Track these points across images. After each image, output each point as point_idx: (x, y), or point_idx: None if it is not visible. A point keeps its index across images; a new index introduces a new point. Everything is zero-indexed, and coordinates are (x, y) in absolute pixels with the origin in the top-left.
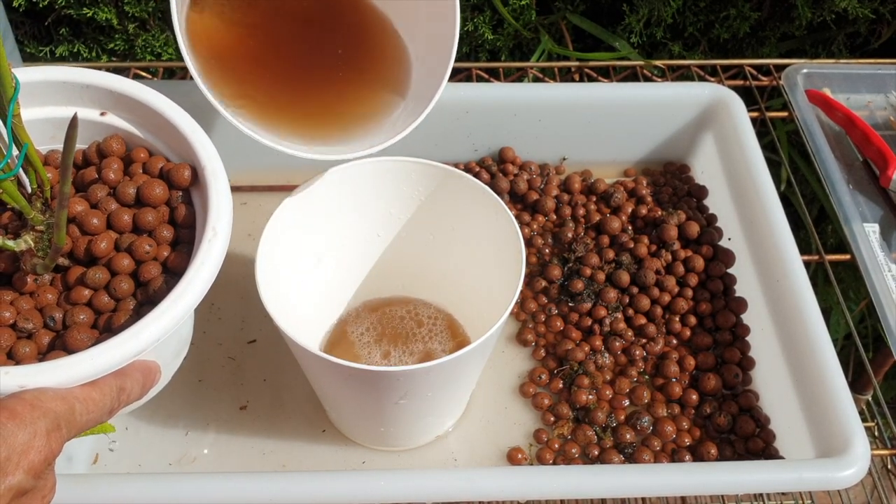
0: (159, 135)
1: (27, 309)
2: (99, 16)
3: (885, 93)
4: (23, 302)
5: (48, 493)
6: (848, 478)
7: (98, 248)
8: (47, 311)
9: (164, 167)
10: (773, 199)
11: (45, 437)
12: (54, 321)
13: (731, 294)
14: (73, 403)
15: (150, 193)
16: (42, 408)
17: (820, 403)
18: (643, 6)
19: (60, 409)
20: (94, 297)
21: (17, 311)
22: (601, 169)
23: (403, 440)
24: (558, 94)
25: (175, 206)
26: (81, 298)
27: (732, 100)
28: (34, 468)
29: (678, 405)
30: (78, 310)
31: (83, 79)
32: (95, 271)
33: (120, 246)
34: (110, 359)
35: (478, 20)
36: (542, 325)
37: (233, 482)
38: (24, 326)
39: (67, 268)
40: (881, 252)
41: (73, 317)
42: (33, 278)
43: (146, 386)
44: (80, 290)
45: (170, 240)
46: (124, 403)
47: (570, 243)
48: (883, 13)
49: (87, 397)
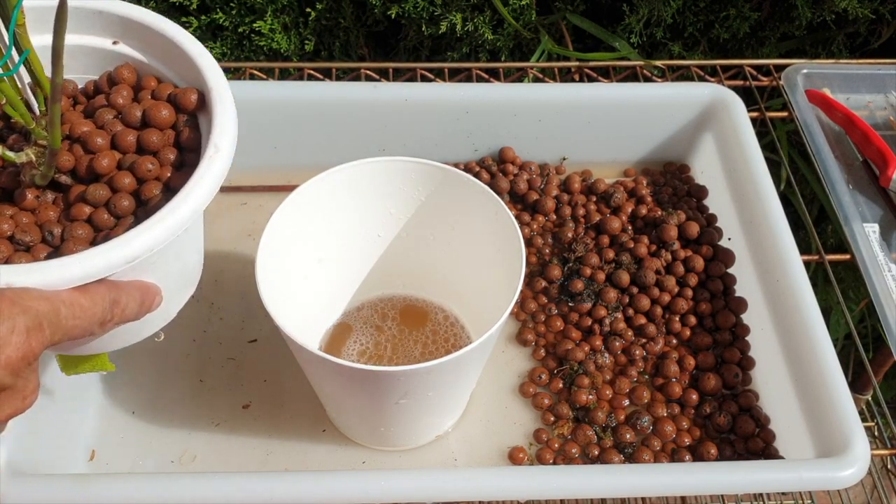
0: (169, 63)
1: (26, 223)
2: None
3: (885, 93)
4: (23, 216)
5: (29, 394)
6: (848, 478)
7: (100, 164)
8: (46, 226)
9: (172, 92)
10: (773, 199)
11: (24, 333)
12: (52, 236)
13: (730, 294)
14: (58, 305)
15: (156, 115)
16: (22, 305)
17: (820, 403)
18: (643, 6)
19: (43, 309)
20: (94, 214)
21: (16, 224)
22: (601, 169)
23: (403, 440)
24: (558, 94)
25: (181, 130)
26: (81, 215)
27: (732, 100)
28: (11, 364)
29: (678, 405)
30: (77, 225)
31: (95, 5)
32: (96, 188)
33: (123, 164)
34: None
35: (478, 20)
36: (542, 324)
37: (233, 482)
38: (21, 239)
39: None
40: (881, 252)
41: (72, 231)
42: (35, 194)
43: (144, 306)
44: (80, 207)
45: (173, 162)
46: (118, 318)
47: (570, 243)
48: (883, 13)
49: (75, 302)
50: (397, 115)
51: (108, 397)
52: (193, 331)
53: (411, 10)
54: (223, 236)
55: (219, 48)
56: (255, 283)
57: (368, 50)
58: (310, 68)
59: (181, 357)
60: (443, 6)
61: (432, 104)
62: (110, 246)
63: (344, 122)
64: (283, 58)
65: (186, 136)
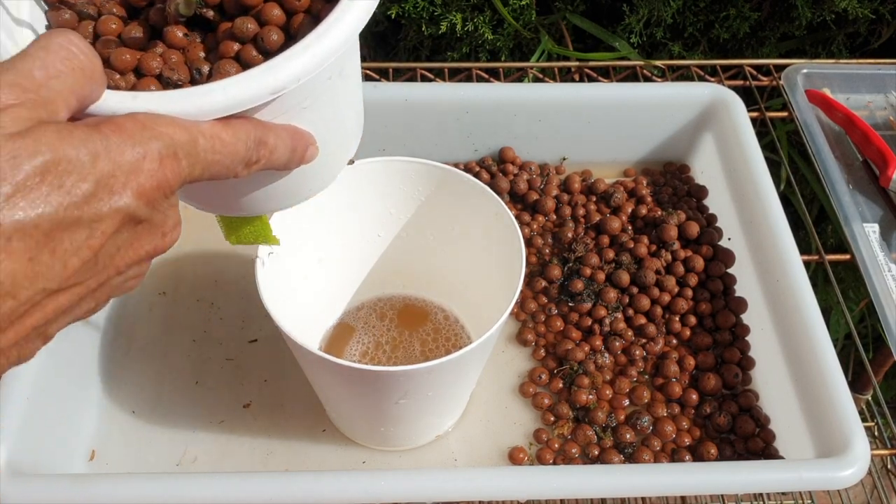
0: None
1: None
2: None
3: (885, 93)
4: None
5: (169, 230)
6: (848, 478)
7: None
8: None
9: None
10: (772, 199)
11: (157, 160)
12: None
13: (730, 294)
14: (195, 135)
15: None
16: (155, 129)
17: (820, 403)
18: (643, 6)
19: (179, 137)
20: (242, 51)
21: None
22: (601, 169)
23: (403, 440)
24: (558, 94)
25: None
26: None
27: (732, 100)
28: (145, 193)
29: (678, 405)
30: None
31: None
32: (244, 21)
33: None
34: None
35: (478, 20)
36: (542, 324)
37: (233, 482)
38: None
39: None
40: (881, 252)
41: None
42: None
43: (296, 153)
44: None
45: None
46: (265, 161)
47: (570, 243)
48: (883, 13)
49: (216, 134)
50: (397, 115)
51: (108, 397)
52: (193, 331)
53: (411, 10)
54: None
55: None
56: (255, 283)
57: (368, 50)
58: None
59: (181, 357)
60: (443, 6)
61: (432, 104)
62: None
63: None
64: None
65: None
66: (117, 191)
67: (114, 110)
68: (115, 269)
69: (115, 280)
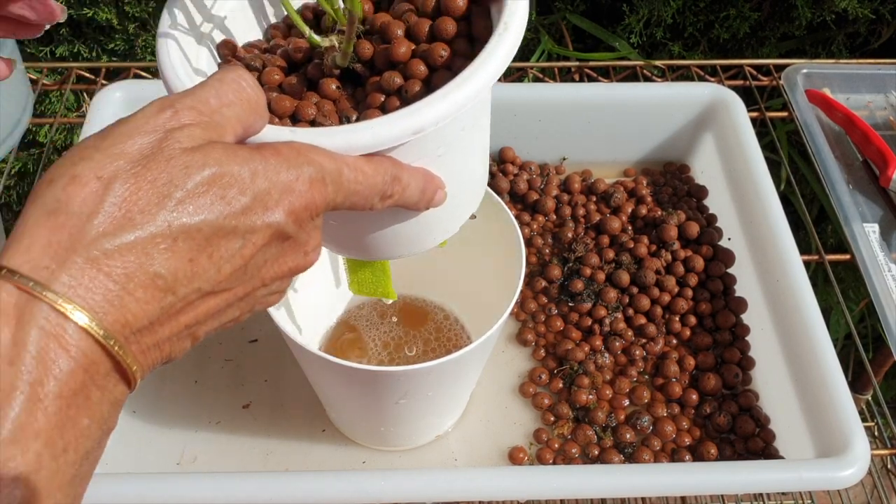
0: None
1: (328, 110)
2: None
3: (885, 93)
4: (325, 104)
5: (311, 250)
6: (848, 477)
7: (397, 52)
8: (344, 112)
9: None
10: (772, 199)
11: (307, 183)
12: (349, 121)
13: (730, 294)
14: (342, 165)
15: (450, 3)
16: (308, 156)
17: (820, 403)
18: (643, 6)
19: (328, 165)
20: (387, 101)
21: (318, 109)
22: (601, 169)
23: (403, 440)
24: (558, 94)
25: (473, 20)
26: (375, 102)
27: (732, 100)
28: (295, 212)
29: (678, 405)
30: (371, 112)
31: None
32: (391, 75)
33: (416, 53)
34: (388, 131)
35: None
36: (542, 325)
37: (233, 482)
38: (321, 122)
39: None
40: (881, 252)
41: (367, 116)
42: (336, 84)
43: (426, 194)
44: (375, 96)
45: (464, 52)
46: (398, 197)
47: (570, 243)
48: (883, 13)
49: (358, 166)
50: None
51: None
52: None
53: None
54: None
55: None
56: None
57: None
58: None
59: (181, 357)
60: None
61: None
62: (398, 115)
63: None
64: None
65: (479, 26)
66: (271, 207)
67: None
68: (261, 281)
69: (259, 291)
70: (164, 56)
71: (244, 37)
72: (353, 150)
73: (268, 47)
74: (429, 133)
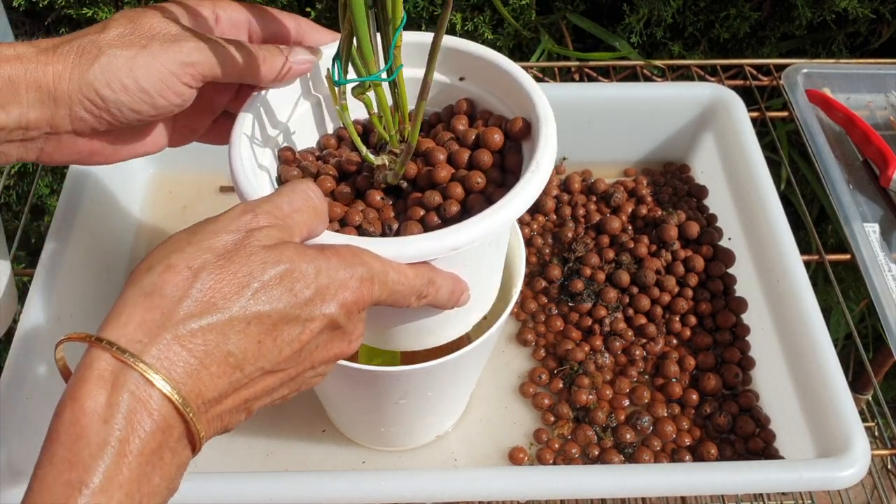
0: (503, 95)
1: (372, 218)
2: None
3: (885, 93)
4: (370, 212)
5: (354, 339)
6: (848, 478)
7: (438, 175)
8: (387, 222)
9: (503, 120)
10: (773, 198)
11: (359, 280)
12: (391, 230)
13: (730, 294)
14: (388, 268)
15: (488, 138)
16: (362, 258)
17: (820, 403)
18: (643, 6)
19: (377, 267)
20: (426, 216)
21: (364, 217)
22: (601, 169)
23: (403, 440)
24: (558, 94)
25: (506, 153)
26: (415, 215)
27: (732, 100)
28: (346, 305)
29: (678, 405)
30: (411, 223)
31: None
32: (432, 194)
33: (455, 177)
34: (432, 246)
35: (478, 20)
36: (542, 324)
37: (233, 482)
38: (367, 229)
39: (408, 193)
40: (881, 252)
41: (407, 228)
42: (380, 196)
43: (454, 295)
44: (415, 209)
45: (497, 180)
46: (431, 297)
47: (570, 243)
48: (883, 13)
49: (402, 270)
50: None
51: None
52: None
53: (411, 9)
54: None
55: None
56: None
57: None
58: None
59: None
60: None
61: None
62: (443, 233)
63: None
64: None
65: (512, 160)
66: (328, 300)
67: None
68: (311, 363)
69: (307, 373)
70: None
71: (303, 141)
72: (401, 259)
73: (321, 154)
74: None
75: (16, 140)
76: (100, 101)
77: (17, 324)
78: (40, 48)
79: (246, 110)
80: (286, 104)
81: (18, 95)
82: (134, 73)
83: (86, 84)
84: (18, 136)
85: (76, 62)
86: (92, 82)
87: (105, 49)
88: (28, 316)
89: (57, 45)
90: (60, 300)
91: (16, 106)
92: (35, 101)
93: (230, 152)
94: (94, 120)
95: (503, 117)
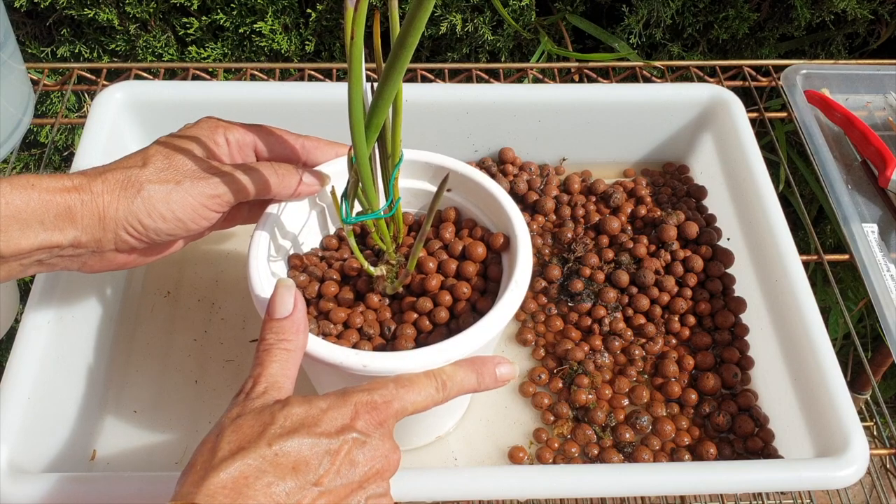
0: (485, 209)
1: (371, 320)
2: (100, 16)
3: (884, 93)
4: (369, 314)
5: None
6: (847, 477)
7: (430, 284)
8: (385, 323)
9: (485, 234)
10: (771, 199)
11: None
12: (389, 331)
13: (729, 294)
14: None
15: (473, 251)
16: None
17: (819, 403)
18: (642, 7)
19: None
20: (419, 320)
21: (364, 320)
22: (601, 169)
23: (403, 440)
24: (558, 94)
25: (489, 264)
26: (409, 319)
27: (731, 100)
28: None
29: (677, 404)
30: (406, 326)
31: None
32: (424, 300)
33: (444, 285)
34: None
35: (478, 21)
36: (542, 324)
37: None
38: (367, 331)
39: (403, 297)
40: (880, 252)
41: (402, 331)
42: (379, 298)
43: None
44: (409, 314)
45: (481, 288)
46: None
47: (570, 243)
48: (882, 14)
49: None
50: None
51: (109, 397)
52: (194, 331)
53: None
54: (225, 236)
55: (219, 49)
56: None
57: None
58: (310, 69)
59: (182, 357)
60: (443, 7)
61: (432, 104)
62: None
63: (345, 122)
64: (284, 58)
65: (494, 270)
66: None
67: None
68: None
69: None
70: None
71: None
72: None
73: (323, 255)
74: None
75: (66, 256)
76: (141, 227)
77: (18, 324)
78: (90, 177)
79: (260, 228)
80: (295, 216)
81: (74, 221)
82: (170, 205)
83: (130, 214)
84: (69, 252)
85: (122, 195)
86: (136, 213)
87: (146, 184)
88: (30, 316)
89: (103, 172)
90: (62, 301)
91: (71, 230)
92: (87, 226)
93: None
94: (135, 241)
95: (486, 230)
